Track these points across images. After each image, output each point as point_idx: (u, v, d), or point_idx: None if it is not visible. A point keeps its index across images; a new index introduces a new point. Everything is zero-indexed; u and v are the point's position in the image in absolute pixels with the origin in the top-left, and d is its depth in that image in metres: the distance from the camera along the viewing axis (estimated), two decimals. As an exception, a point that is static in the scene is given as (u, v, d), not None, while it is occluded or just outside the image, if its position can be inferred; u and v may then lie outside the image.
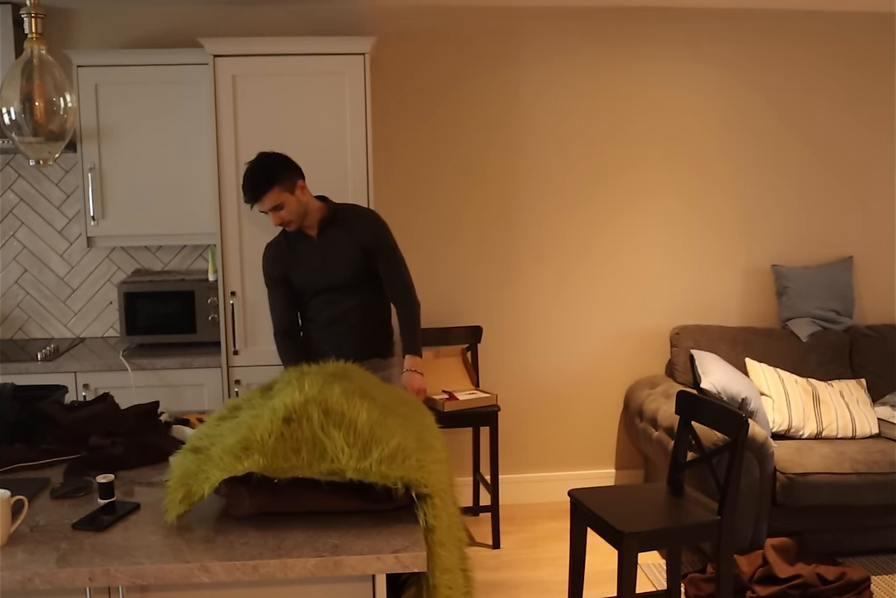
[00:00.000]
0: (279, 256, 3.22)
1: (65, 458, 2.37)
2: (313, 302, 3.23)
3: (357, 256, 3.17)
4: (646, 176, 4.31)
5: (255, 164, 3.10)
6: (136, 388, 3.58)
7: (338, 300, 3.20)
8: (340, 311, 3.20)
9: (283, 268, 3.21)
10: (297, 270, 3.20)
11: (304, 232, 3.20)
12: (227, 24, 4.00)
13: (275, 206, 3.07)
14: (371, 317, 3.26)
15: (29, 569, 1.73)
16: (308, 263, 3.19)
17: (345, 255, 3.17)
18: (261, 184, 3.05)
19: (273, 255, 3.24)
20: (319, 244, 3.19)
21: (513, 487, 4.32)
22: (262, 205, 3.07)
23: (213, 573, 1.75)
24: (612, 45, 4.21)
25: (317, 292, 3.20)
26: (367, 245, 3.18)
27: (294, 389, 2.01)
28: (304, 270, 3.19)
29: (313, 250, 3.19)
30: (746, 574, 3.32)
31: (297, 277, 3.20)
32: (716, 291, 4.41)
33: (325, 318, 3.22)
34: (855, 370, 4.21)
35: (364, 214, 3.27)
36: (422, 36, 4.11)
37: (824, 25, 4.30)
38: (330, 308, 3.21)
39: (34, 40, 2.12)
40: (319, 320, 3.23)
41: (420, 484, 1.90)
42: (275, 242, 3.27)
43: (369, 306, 3.25)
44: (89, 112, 3.71)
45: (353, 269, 3.18)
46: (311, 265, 3.18)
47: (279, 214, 3.09)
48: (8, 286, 4.10)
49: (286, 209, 3.08)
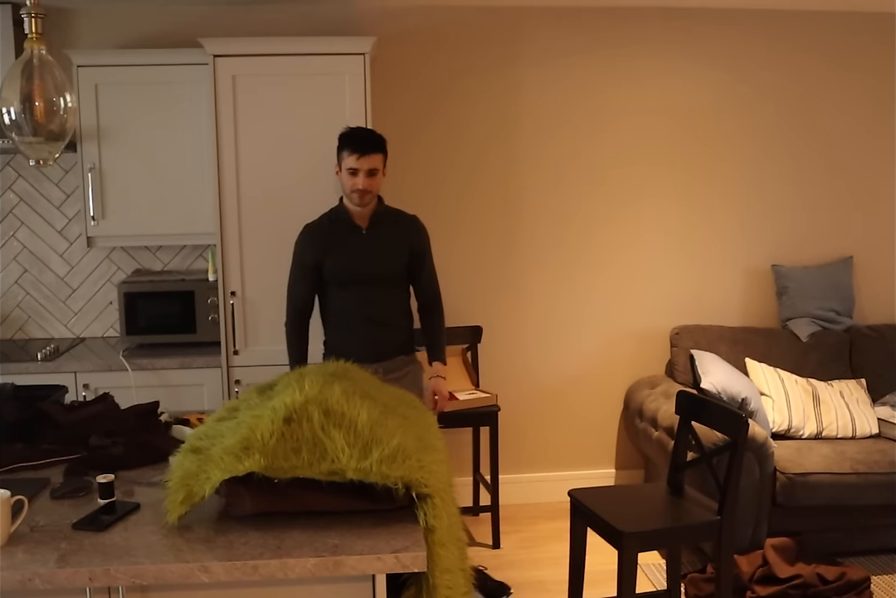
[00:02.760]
0: (318, 239, 3.18)
1: (65, 458, 2.37)
2: (341, 293, 3.19)
3: (403, 256, 3.21)
4: (646, 176, 4.31)
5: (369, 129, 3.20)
6: (136, 388, 3.58)
7: (371, 294, 3.18)
8: (373, 305, 3.18)
9: (318, 252, 3.16)
10: (336, 257, 3.15)
11: (351, 221, 3.17)
12: (227, 24, 4.00)
13: (373, 168, 3.07)
14: (400, 315, 3.27)
15: (29, 569, 1.73)
16: (352, 252, 3.15)
17: (394, 252, 3.19)
18: (378, 142, 3.10)
19: (311, 236, 3.20)
20: (368, 236, 3.17)
21: (513, 487, 4.32)
22: (369, 161, 3.05)
23: (213, 573, 1.75)
24: (612, 45, 4.21)
25: (350, 283, 3.17)
26: (413, 248, 3.23)
27: (294, 389, 2.01)
28: (346, 259, 3.15)
29: (360, 241, 3.16)
30: (746, 574, 3.32)
31: (333, 264, 3.15)
32: (716, 291, 4.41)
33: (355, 311, 3.18)
34: (855, 370, 4.21)
35: (413, 218, 3.30)
36: (422, 36, 4.11)
37: (824, 25, 4.30)
38: (362, 301, 3.18)
39: (34, 40, 2.12)
40: (346, 312, 3.20)
41: (420, 484, 1.90)
42: (315, 225, 3.23)
43: (399, 305, 3.25)
44: (89, 112, 3.71)
45: (398, 267, 3.20)
46: (355, 255, 3.15)
47: (370, 180, 3.07)
48: (8, 286, 4.10)
49: (377, 178, 3.09)
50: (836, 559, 3.48)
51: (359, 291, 3.17)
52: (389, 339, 3.23)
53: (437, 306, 3.34)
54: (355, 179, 3.07)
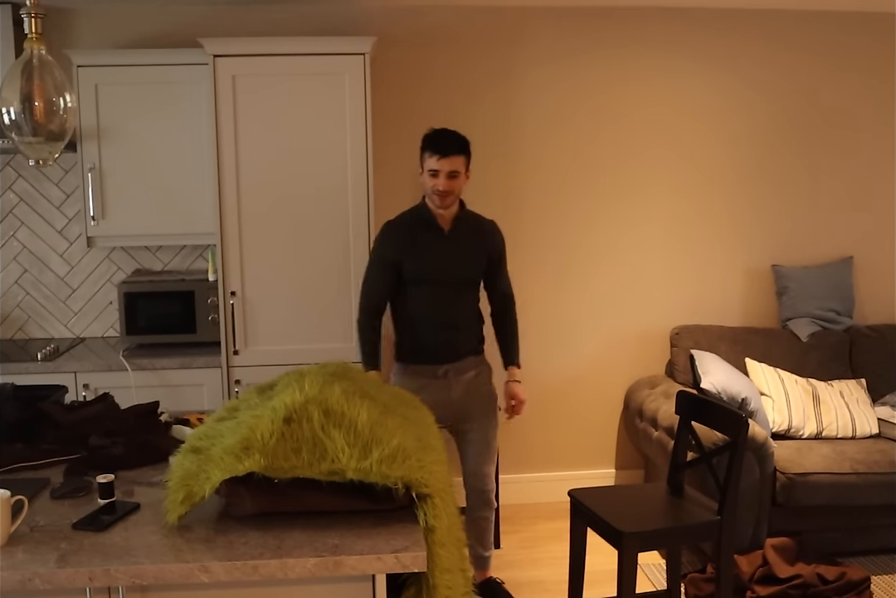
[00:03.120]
0: (399, 237, 3.16)
1: (65, 458, 2.37)
2: (418, 293, 3.16)
3: (482, 260, 3.23)
4: (646, 176, 4.31)
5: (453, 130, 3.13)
6: (136, 388, 3.58)
7: (448, 296, 3.17)
8: (449, 307, 3.18)
9: (398, 250, 3.13)
10: (416, 257, 3.13)
11: (433, 222, 3.15)
12: (227, 24, 4.00)
13: (454, 171, 3.05)
14: (474, 318, 3.28)
15: (29, 569, 1.73)
16: (434, 253, 3.14)
17: (474, 255, 3.21)
18: (461, 144, 3.09)
19: (393, 234, 3.17)
20: (450, 239, 3.16)
21: (513, 487, 4.32)
22: (449, 163, 3.04)
23: (213, 573, 1.75)
24: (612, 45, 4.20)
25: (428, 284, 3.15)
26: (491, 252, 3.25)
27: (294, 389, 2.01)
28: (427, 259, 3.13)
29: (442, 242, 3.15)
30: (746, 574, 3.32)
31: (413, 264, 3.13)
32: (716, 291, 4.41)
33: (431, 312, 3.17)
34: (855, 370, 4.20)
35: (492, 223, 3.31)
36: (422, 36, 4.11)
37: (824, 25, 4.30)
38: (439, 303, 3.17)
39: (34, 40, 2.12)
40: (422, 313, 3.18)
41: (420, 484, 1.90)
42: (396, 223, 3.21)
43: (473, 308, 3.28)
44: (89, 112, 3.71)
45: (477, 271, 3.24)
46: (437, 256, 3.13)
47: (451, 182, 3.06)
48: (8, 286, 4.10)
49: (458, 181, 3.08)
50: (836, 559, 3.47)
51: (436, 293, 3.16)
52: (462, 340, 3.23)
53: (512, 310, 3.39)
54: (436, 181, 3.06)
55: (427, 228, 3.16)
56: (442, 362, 3.18)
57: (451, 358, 3.20)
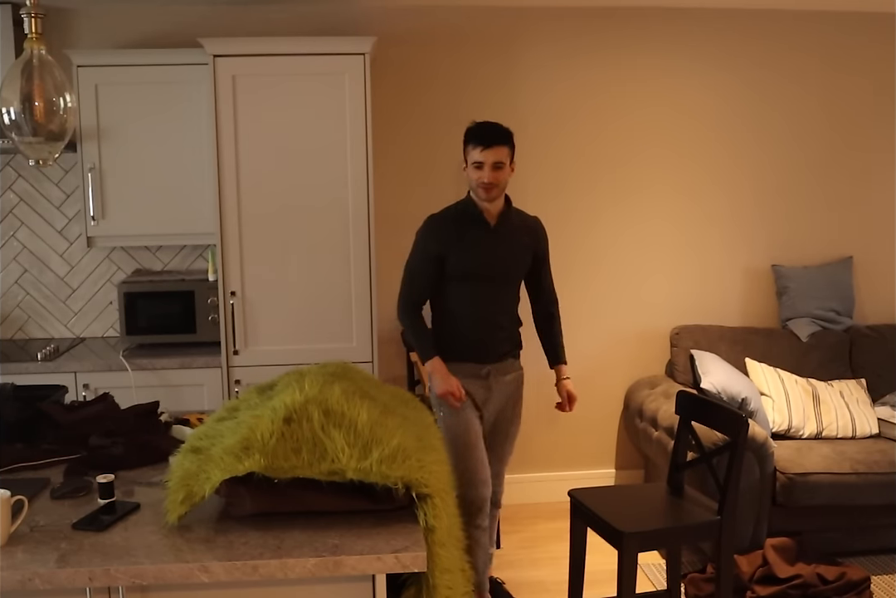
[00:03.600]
0: (443, 231, 3.09)
1: (65, 458, 2.37)
2: (460, 289, 3.09)
3: (527, 257, 3.18)
4: (646, 177, 4.31)
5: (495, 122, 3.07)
6: (136, 388, 3.58)
7: (491, 293, 3.11)
8: (492, 304, 3.13)
9: (443, 244, 3.06)
10: (462, 252, 3.06)
11: (479, 216, 3.08)
12: (227, 24, 4.00)
13: (498, 161, 2.99)
14: (514, 317, 3.23)
15: (29, 569, 1.73)
16: (480, 248, 3.07)
17: (520, 251, 3.15)
18: (504, 135, 3.02)
19: (437, 228, 3.10)
20: (496, 233, 3.09)
21: (513, 487, 4.32)
22: (494, 153, 2.97)
23: (213, 573, 1.75)
24: (613, 45, 4.20)
25: (472, 279, 3.08)
26: (536, 250, 3.20)
27: (294, 389, 2.01)
28: (473, 254, 3.06)
29: (488, 237, 3.08)
30: (746, 574, 3.32)
31: (457, 258, 3.06)
32: (716, 291, 4.41)
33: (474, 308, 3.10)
34: (855, 370, 4.20)
35: (536, 219, 3.25)
36: (422, 36, 4.11)
37: (824, 25, 4.30)
38: (482, 299, 3.10)
39: (34, 40, 2.12)
40: (464, 309, 3.10)
41: (420, 484, 1.90)
42: (441, 216, 3.14)
43: (514, 307, 3.22)
44: (89, 112, 3.71)
45: (522, 268, 3.18)
46: (482, 251, 3.07)
47: (496, 174, 2.99)
48: (8, 286, 4.10)
49: (503, 172, 3.01)
50: (836, 559, 3.47)
51: (480, 289, 3.10)
52: (504, 339, 3.18)
53: (556, 310, 3.34)
54: (480, 173, 2.99)
55: (473, 222, 3.09)
56: (483, 361, 3.13)
57: (493, 358, 3.15)
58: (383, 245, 4.02)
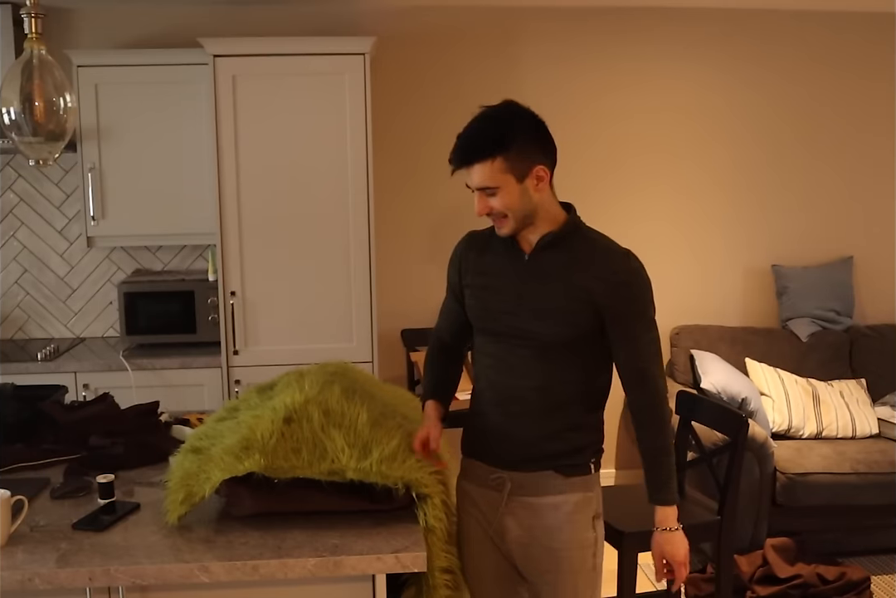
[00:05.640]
0: (465, 256, 2.14)
1: (65, 458, 2.37)
2: (480, 346, 2.11)
3: (575, 308, 1.95)
4: (646, 177, 4.30)
5: (490, 114, 2.14)
6: (136, 388, 3.57)
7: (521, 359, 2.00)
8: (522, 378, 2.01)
9: (461, 276, 2.13)
10: (474, 289, 2.09)
11: (511, 240, 2.03)
12: (227, 24, 3.99)
13: (484, 186, 1.95)
14: (562, 402, 2.01)
15: (29, 569, 1.73)
16: (500, 285, 2.03)
17: (566, 299, 1.96)
18: (480, 145, 1.99)
19: (458, 252, 2.17)
20: (529, 268, 2.01)
21: (513, 487, 4.32)
22: (476, 174, 1.95)
23: (213, 573, 1.75)
24: (613, 45, 4.20)
25: (488, 334, 2.07)
26: (599, 299, 1.95)
27: (294, 389, 2.01)
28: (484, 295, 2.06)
29: (516, 272, 2.02)
30: (746, 574, 3.32)
31: (471, 297, 2.09)
32: (716, 291, 4.41)
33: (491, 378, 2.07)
34: (855, 370, 4.20)
35: (617, 253, 2.01)
36: (422, 36, 4.10)
37: (824, 26, 4.30)
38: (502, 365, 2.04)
39: (34, 40, 2.12)
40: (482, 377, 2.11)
41: (420, 484, 1.90)
42: (469, 236, 2.18)
43: (565, 386, 2.00)
44: (89, 112, 3.71)
45: (567, 324, 1.96)
46: (499, 291, 2.03)
47: (486, 202, 1.96)
48: (8, 286, 4.10)
49: (500, 197, 1.94)
50: (836, 559, 3.47)
51: (502, 351, 2.04)
52: (533, 437, 2.01)
53: (654, 407, 2.03)
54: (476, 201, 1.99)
55: (503, 248, 2.05)
56: (495, 462, 2.04)
57: (512, 462, 2.02)
58: (383, 245, 4.01)
